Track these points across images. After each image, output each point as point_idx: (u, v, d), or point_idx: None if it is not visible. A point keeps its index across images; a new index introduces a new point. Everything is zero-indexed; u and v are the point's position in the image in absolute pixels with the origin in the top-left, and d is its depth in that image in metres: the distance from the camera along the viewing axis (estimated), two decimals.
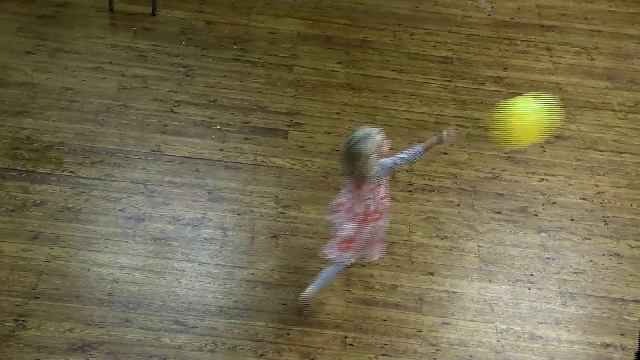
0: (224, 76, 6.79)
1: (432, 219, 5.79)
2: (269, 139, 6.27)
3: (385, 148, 4.78)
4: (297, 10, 7.70)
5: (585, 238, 5.76)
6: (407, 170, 6.13)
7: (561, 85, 7.14)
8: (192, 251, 5.34)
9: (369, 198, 4.83)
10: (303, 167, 6.08)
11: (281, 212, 5.70)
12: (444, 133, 4.80)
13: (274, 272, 5.27)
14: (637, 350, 4.81)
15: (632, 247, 5.69)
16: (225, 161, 6.02)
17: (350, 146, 4.65)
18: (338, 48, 7.31)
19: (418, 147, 4.84)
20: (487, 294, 5.32)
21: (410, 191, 5.98)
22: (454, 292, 5.30)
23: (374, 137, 4.67)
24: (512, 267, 5.51)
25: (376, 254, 5.14)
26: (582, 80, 7.23)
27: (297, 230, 5.58)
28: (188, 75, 6.73)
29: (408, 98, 6.84)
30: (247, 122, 6.39)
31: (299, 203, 5.79)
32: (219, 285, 5.14)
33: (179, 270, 5.21)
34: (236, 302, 5.05)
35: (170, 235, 5.41)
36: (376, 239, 5.04)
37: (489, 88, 7.05)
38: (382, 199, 4.90)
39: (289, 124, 6.45)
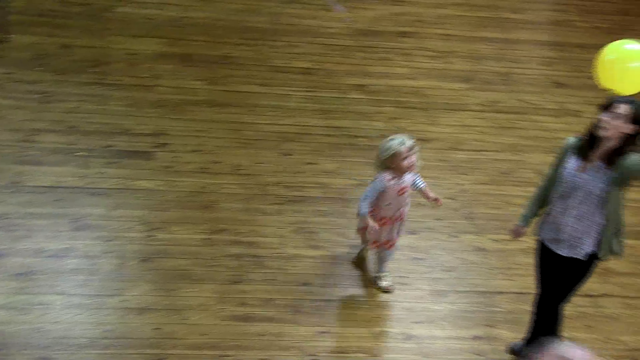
0: (83, 101, 6.63)
1: (304, 230, 5.80)
2: (134, 162, 6.15)
3: (406, 163, 4.95)
4: (155, 29, 7.61)
5: (452, 236, 5.90)
6: (276, 183, 6.14)
7: (421, 89, 7.32)
8: (59, 283, 5.16)
9: None
10: (171, 187, 6.00)
11: (150, 235, 5.60)
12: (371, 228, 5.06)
13: (145, 296, 5.17)
14: (527, 337, 4.98)
15: (496, 241, 5.87)
16: (89, 188, 5.87)
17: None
18: (200, 65, 7.26)
19: (364, 209, 5.06)
20: (362, 299, 5.37)
21: (280, 203, 5.99)
22: (329, 300, 5.33)
23: (389, 143, 4.95)
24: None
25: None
26: (440, 83, 7.43)
27: (168, 252, 5.49)
28: (45, 102, 6.53)
29: (273, 111, 6.86)
30: (110, 146, 6.25)
31: (168, 224, 5.70)
32: (89, 315, 4.99)
33: (45, 305, 5.02)
34: (107, 331, 4.92)
35: (33, 269, 5.22)
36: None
37: (352, 96, 7.16)
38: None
39: (154, 145, 6.35)
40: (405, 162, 4.95)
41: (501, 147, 6.76)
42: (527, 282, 5.55)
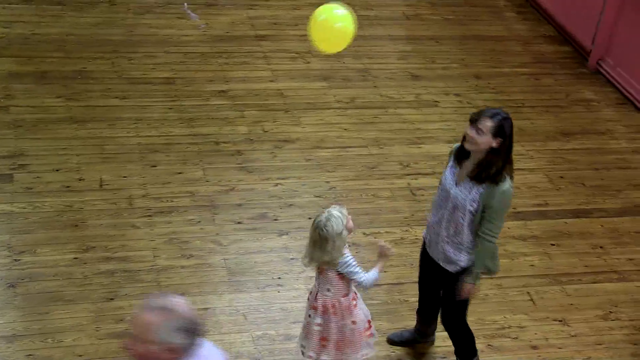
0: None
1: (175, 240, 5.75)
2: None
3: (351, 223, 4.43)
4: (4, 48, 7.36)
5: None
6: (143, 196, 6.05)
7: (282, 91, 7.37)
8: None
9: (328, 289, 4.48)
10: (34, 209, 5.82)
11: (16, 260, 5.41)
12: (384, 250, 4.53)
13: (15, 323, 4.99)
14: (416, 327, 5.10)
15: (367, 235, 5.97)
16: None
17: (320, 230, 4.32)
18: (55, 82, 7.07)
19: (375, 273, 4.49)
20: (239, 304, 5.36)
21: (149, 216, 5.90)
22: (206, 309, 5.29)
23: (335, 221, 4.33)
24: (259, 273, 5.60)
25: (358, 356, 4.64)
26: (300, 83, 7.51)
27: (36, 275, 5.32)
28: None
29: (135, 123, 6.75)
30: None
31: (34, 247, 5.53)
32: None
33: None
34: None
35: None
36: (346, 338, 4.57)
37: (214, 102, 7.13)
38: (344, 295, 4.51)
39: (13, 166, 6.14)
40: (351, 223, 4.48)
41: (364, 142, 6.89)
42: (400, 272, 5.71)
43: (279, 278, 5.58)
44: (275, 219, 6.03)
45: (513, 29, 8.78)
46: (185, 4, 8.43)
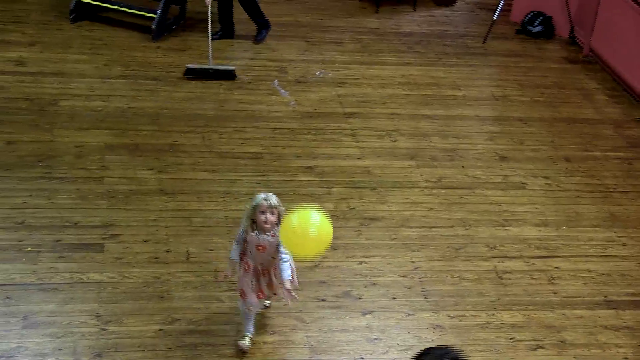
0: (30, 195, 6.57)
1: (258, 315, 5.75)
2: (84, 255, 6.08)
3: (262, 218, 5.11)
4: (102, 121, 7.62)
5: (408, 314, 5.90)
6: None
7: (369, 168, 7.40)
8: None
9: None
10: (122, 279, 5.93)
11: (103, 329, 5.50)
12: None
13: None
14: None
15: (452, 317, 5.88)
16: (39, 284, 5.77)
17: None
18: (147, 155, 7.27)
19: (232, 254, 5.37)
20: None
21: (234, 290, 5.92)
22: None
23: (256, 196, 5.17)
24: (341, 352, 5.55)
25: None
26: (387, 161, 7.53)
27: (122, 346, 5.39)
28: None
29: (223, 197, 6.86)
30: (59, 240, 6.18)
31: (121, 317, 5.61)
32: None
33: None
34: None
35: None
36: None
37: (302, 178, 7.21)
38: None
39: (104, 236, 6.29)
40: (261, 217, 5.09)
41: (451, 222, 6.83)
42: (485, 357, 5.58)
43: (362, 358, 5.52)
44: (359, 298, 5.99)
45: (604, 112, 8.67)
46: (276, 80, 8.63)
